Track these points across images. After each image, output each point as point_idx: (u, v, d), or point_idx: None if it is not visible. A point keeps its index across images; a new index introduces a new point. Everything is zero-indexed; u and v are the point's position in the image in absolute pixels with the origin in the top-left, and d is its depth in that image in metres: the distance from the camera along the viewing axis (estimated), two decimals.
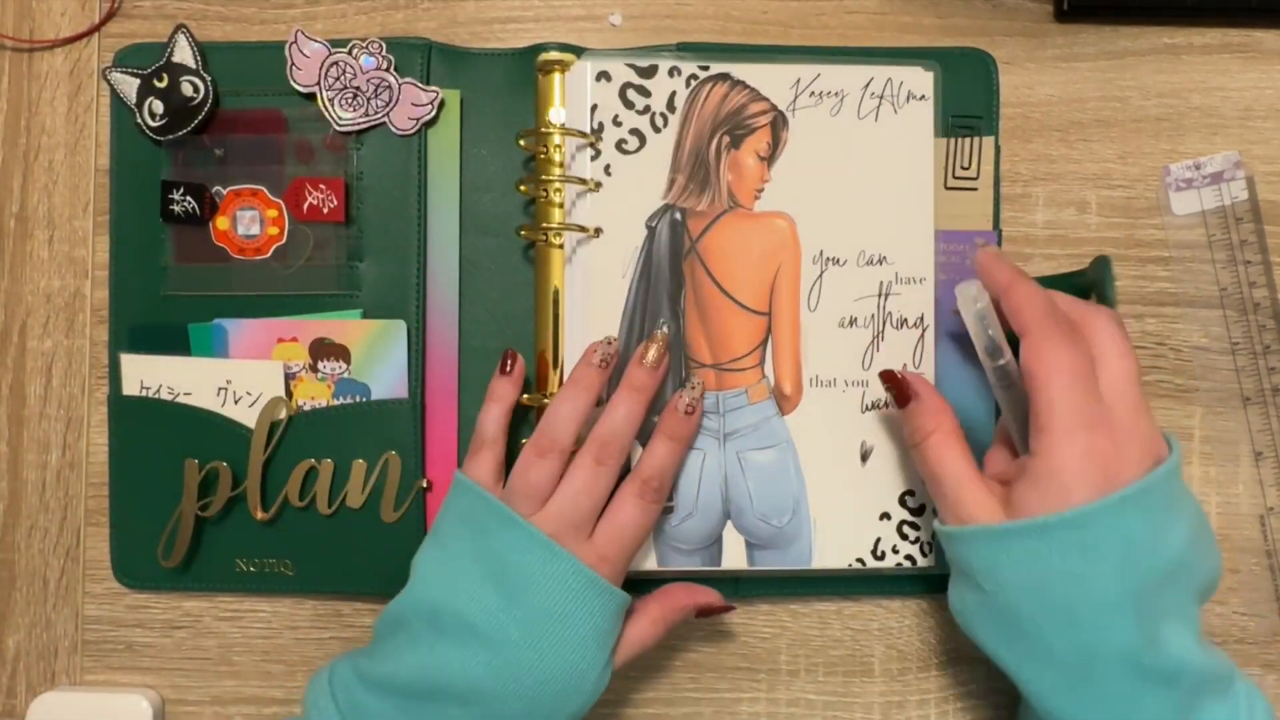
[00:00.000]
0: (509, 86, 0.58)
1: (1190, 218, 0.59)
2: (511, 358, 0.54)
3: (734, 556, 0.54)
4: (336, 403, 0.56)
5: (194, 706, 0.58)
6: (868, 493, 0.55)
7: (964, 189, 0.58)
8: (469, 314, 0.57)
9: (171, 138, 0.56)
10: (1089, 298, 0.54)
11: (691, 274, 0.54)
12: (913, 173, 0.55)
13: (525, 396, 0.54)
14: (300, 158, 0.56)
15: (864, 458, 0.54)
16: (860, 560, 0.55)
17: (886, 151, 0.55)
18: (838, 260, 0.54)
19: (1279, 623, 0.59)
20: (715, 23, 0.59)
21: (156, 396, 0.56)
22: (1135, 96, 0.60)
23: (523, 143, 0.55)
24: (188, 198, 0.56)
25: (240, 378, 0.56)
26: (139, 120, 0.56)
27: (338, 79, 0.56)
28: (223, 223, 0.56)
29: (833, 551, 0.54)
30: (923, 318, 0.55)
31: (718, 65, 0.54)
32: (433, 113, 0.56)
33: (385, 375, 0.56)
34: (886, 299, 0.54)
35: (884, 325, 0.54)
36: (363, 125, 0.56)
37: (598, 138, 0.54)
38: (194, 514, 0.55)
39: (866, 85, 0.54)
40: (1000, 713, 0.59)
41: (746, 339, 0.54)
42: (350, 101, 0.56)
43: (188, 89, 0.56)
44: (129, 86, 0.56)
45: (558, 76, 0.54)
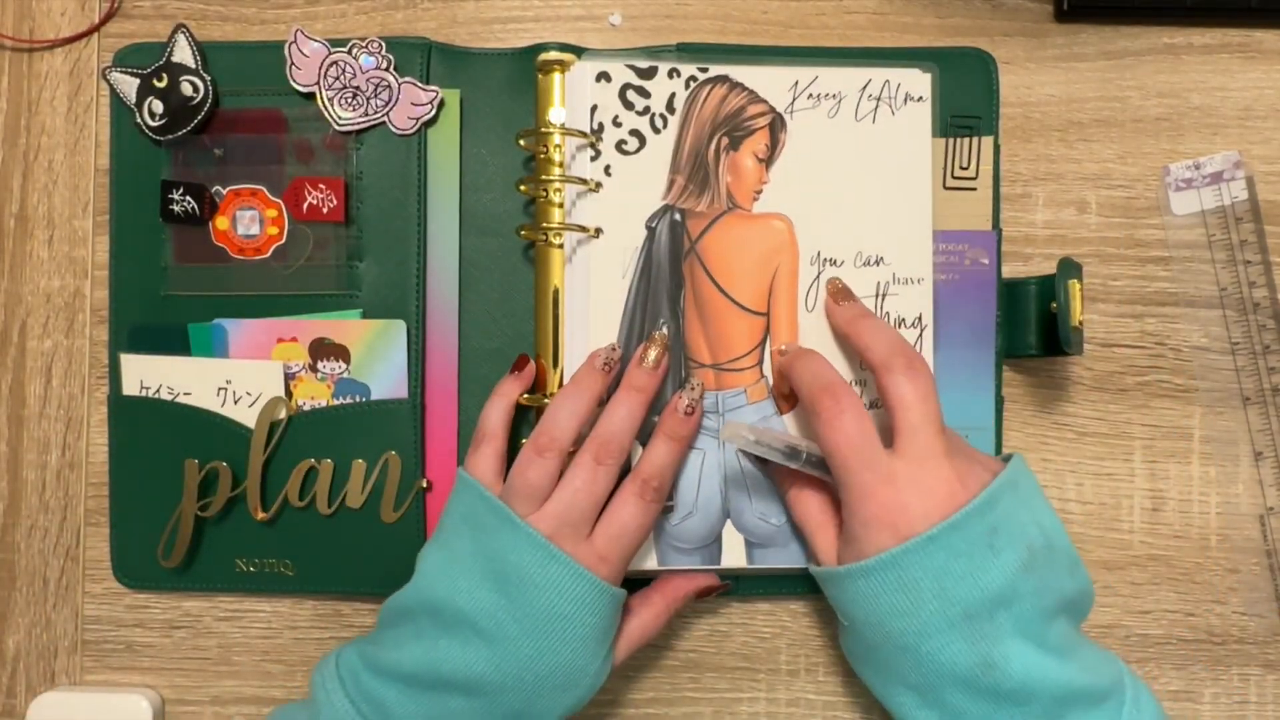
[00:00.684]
0: (509, 86, 0.58)
1: (1190, 218, 0.59)
2: (525, 362, 0.54)
3: (734, 555, 0.54)
4: (336, 403, 0.56)
5: (194, 706, 0.58)
6: None
7: (963, 189, 0.58)
8: (469, 314, 0.57)
9: (171, 138, 0.56)
10: (1053, 301, 0.54)
11: (691, 274, 0.54)
12: (910, 174, 0.55)
13: (525, 397, 0.54)
14: (300, 157, 0.56)
15: None
16: None
17: (884, 153, 0.55)
18: (835, 261, 0.54)
19: (1279, 623, 0.59)
20: (715, 23, 0.59)
21: (156, 396, 0.56)
22: (1135, 96, 0.60)
23: (522, 143, 0.55)
24: (187, 198, 0.56)
25: (240, 378, 0.56)
26: (139, 120, 0.56)
27: (337, 79, 0.56)
28: (222, 223, 0.56)
29: None
30: (920, 318, 0.55)
31: (717, 67, 0.54)
32: (432, 112, 0.56)
33: (385, 375, 0.56)
34: (884, 299, 0.54)
35: None
36: (362, 125, 0.56)
37: (598, 138, 0.54)
38: (194, 514, 0.55)
39: (864, 87, 0.54)
40: None
41: (745, 339, 0.54)
42: (350, 101, 0.56)
43: (187, 89, 0.56)
44: (129, 86, 0.56)
45: (558, 76, 0.54)
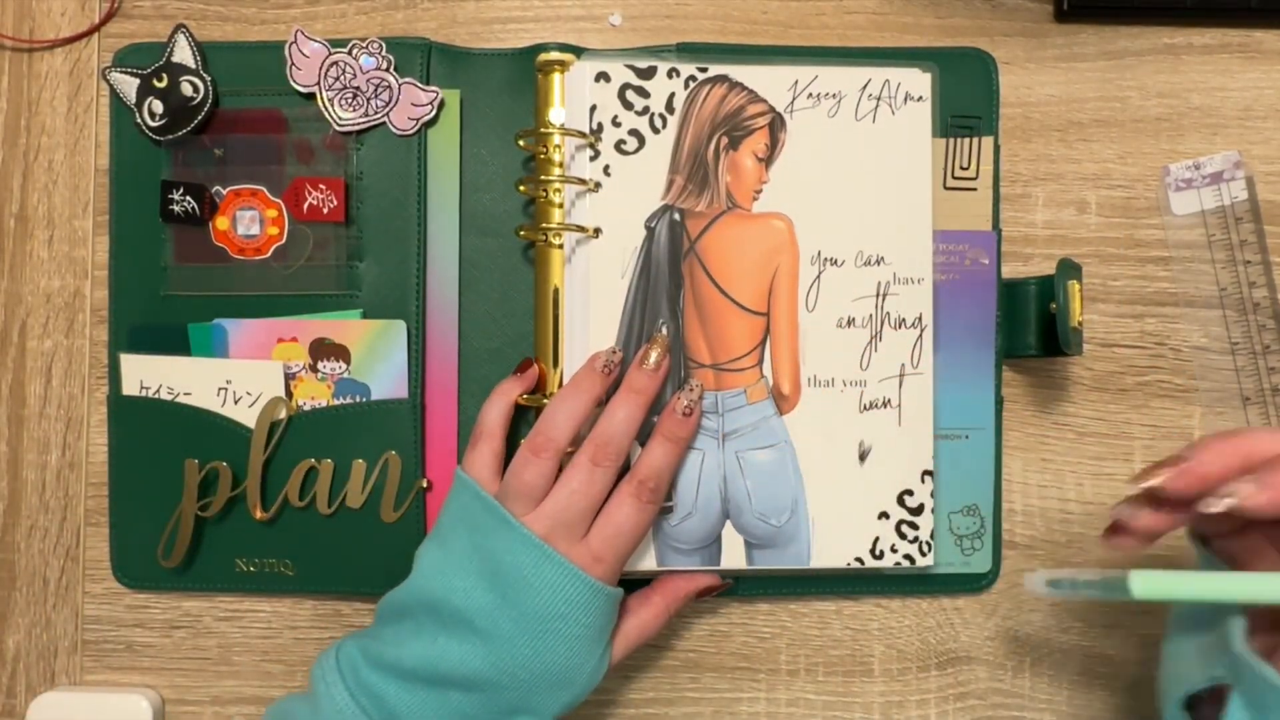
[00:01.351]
0: (509, 86, 0.58)
1: (1190, 218, 0.59)
2: (528, 365, 0.54)
3: (733, 556, 0.54)
4: (336, 403, 0.56)
5: (194, 706, 0.58)
6: (866, 492, 0.55)
7: (963, 189, 0.58)
8: (469, 314, 0.57)
9: (171, 138, 0.56)
10: (1052, 301, 0.54)
11: (690, 274, 0.54)
12: (910, 174, 0.55)
13: (525, 397, 0.54)
14: (300, 158, 0.56)
15: (862, 457, 0.54)
16: (859, 559, 0.55)
17: (884, 153, 0.55)
18: (835, 261, 0.54)
19: None
20: (715, 23, 0.59)
21: (156, 396, 0.56)
22: (1135, 96, 0.60)
23: (522, 143, 0.55)
24: (187, 198, 0.56)
25: (240, 378, 0.56)
26: (138, 120, 0.56)
27: (337, 79, 0.56)
28: (222, 223, 0.56)
29: (831, 551, 0.54)
30: (920, 318, 0.55)
31: (716, 67, 0.54)
32: (433, 113, 0.56)
33: (385, 375, 0.56)
34: (884, 299, 0.54)
35: (882, 325, 0.54)
36: (363, 125, 0.56)
37: (597, 138, 0.54)
38: (194, 514, 0.55)
39: (864, 87, 0.54)
40: (999, 713, 0.59)
41: (745, 339, 0.54)
42: (350, 101, 0.56)
43: (187, 89, 0.56)
44: (128, 86, 0.56)
45: (557, 77, 0.54)
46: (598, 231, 0.54)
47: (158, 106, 0.56)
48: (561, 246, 0.54)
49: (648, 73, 0.54)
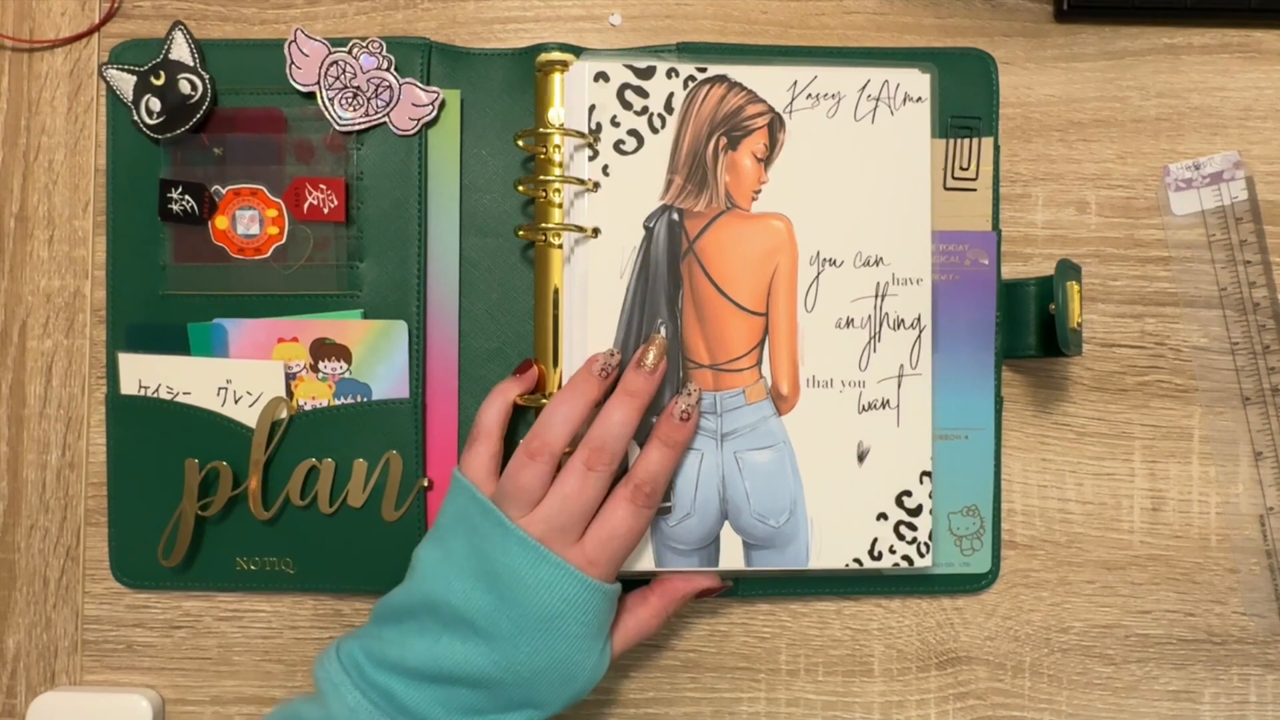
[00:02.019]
0: (509, 86, 0.58)
1: (1190, 218, 0.59)
2: (528, 366, 0.55)
3: (731, 557, 0.54)
4: (337, 403, 0.56)
5: (194, 706, 0.58)
6: (865, 493, 0.55)
7: (963, 189, 0.58)
8: (469, 314, 0.57)
9: (169, 136, 0.56)
10: (1051, 302, 0.54)
11: (689, 274, 0.54)
12: (909, 174, 0.55)
13: (523, 397, 0.54)
14: (300, 157, 0.56)
15: (861, 458, 0.54)
16: (857, 560, 0.55)
17: (883, 153, 0.55)
18: (834, 261, 0.54)
19: (1278, 623, 0.59)
20: (714, 23, 0.59)
21: (155, 396, 0.56)
22: (1135, 96, 0.60)
23: (521, 143, 0.54)
24: (186, 197, 0.56)
25: (240, 377, 0.56)
26: (136, 118, 0.56)
27: (337, 78, 0.56)
28: (222, 222, 0.56)
29: (830, 551, 0.54)
30: (920, 318, 0.55)
31: (715, 67, 0.54)
32: (433, 113, 0.56)
33: (386, 375, 0.56)
34: (883, 300, 0.54)
35: (881, 326, 0.54)
36: (363, 125, 0.56)
37: (595, 138, 0.54)
38: (194, 513, 0.55)
39: (863, 87, 0.54)
40: (999, 713, 0.59)
41: (744, 339, 0.54)
42: (350, 101, 0.56)
43: (185, 87, 0.56)
44: (125, 84, 0.56)
45: (557, 77, 0.54)
46: (597, 231, 0.54)
47: (155, 104, 0.56)
48: (561, 246, 0.54)
49: (647, 73, 0.54)
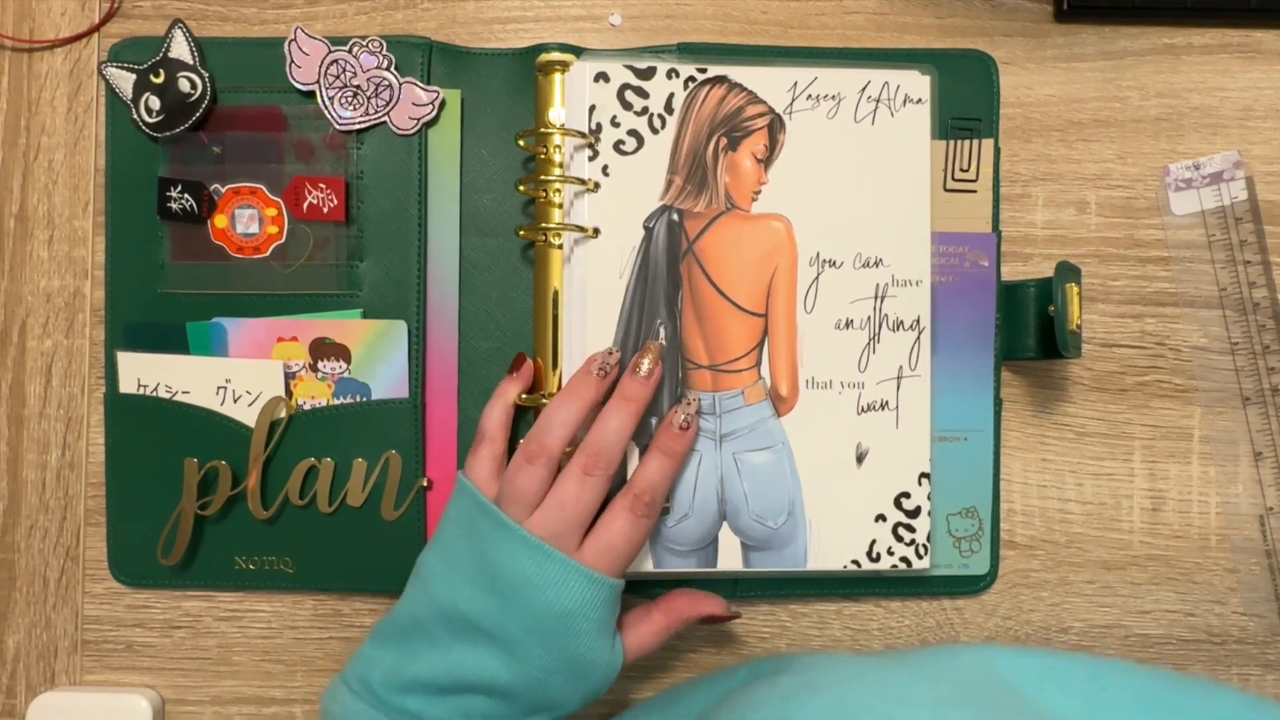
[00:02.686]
0: (509, 86, 0.58)
1: (1190, 218, 0.59)
2: (521, 360, 0.54)
3: (730, 558, 0.54)
4: (337, 402, 0.56)
5: (194, 706, 0.58)
6: (863, 494, 0.55)
7: (963, 191, 0.58)
8: (469, 314, 0.57)
9: (168, 134, 0.56)
10: (1050, 304, 0.54)
11: (688, 275, 0.54)
12: (909, 176, 0.55)
13: (524, 397, 0.54)
14: (300, 156, 0.56)
15: (859, 459, 0.54)
16: (855, 562, 0.55)
17: (883, 154, 0.55)
18: (834, 262, 0.54)
19: (1278, 623, 0.59)
20: (715, 23, 0.59)
21: (154, 395, 0.56)
22: (1135, 96, 0.60)
23: (522, 143, 0.54)
24: (185, 195, 0.56)
25: (240, 377, 0.56)
26: (135, 116, 0.56)
27: (338, 77, 0.56)
28: (221, 221, 0.56)
29: (828, 553, 0.54)
30: (919, 320, 0.55)
31: (715, 67, 0.54)
32: (434, 113, 0.56)
33: (386, 375, 0.56)
34: (883, 301, 0.54)
35: (880, 327, 0.54)
36: (363, 124, 0.56)
37: (595, 138, 0.54)
38: (194, 513, 0.55)
39: (863, 89, 0.54)
40: None
41: (743, 340, 0.54)
42: (350, 100, 0.56)
43: (185, 85, 0.56)
44: (124, 82, 0.56)
45: (558, 77, 0.54)
46: (596, 231, 0.54)
47: (154, 102, 0.56)
48: (561, 246, 0.54)
49: (647, 73, 0.54)
